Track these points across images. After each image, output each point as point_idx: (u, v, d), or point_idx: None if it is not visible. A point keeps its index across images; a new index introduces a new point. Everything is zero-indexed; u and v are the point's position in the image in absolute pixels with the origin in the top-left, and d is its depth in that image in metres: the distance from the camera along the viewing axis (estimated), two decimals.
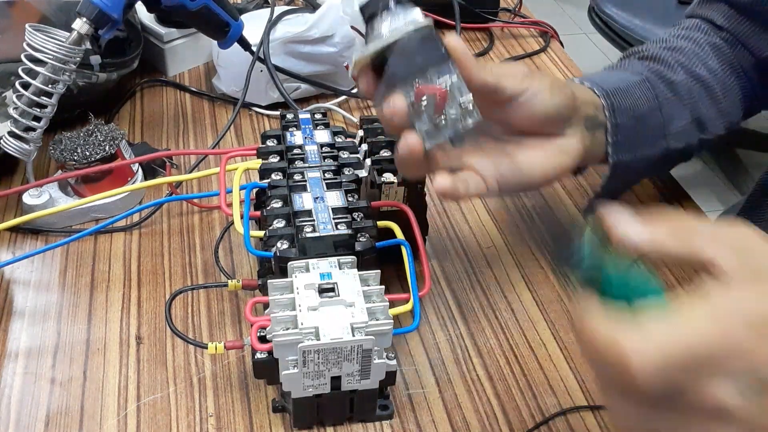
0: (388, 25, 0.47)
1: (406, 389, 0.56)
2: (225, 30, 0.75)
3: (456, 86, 0.46)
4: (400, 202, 0.60)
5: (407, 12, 0.47)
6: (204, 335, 0.59)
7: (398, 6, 0.47)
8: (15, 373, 0.56)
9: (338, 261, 0.51)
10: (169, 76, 0.89)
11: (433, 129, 0.46)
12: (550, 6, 2.76)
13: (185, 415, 0.53)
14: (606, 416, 0.55)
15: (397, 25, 0.47)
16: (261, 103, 0.84)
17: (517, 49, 1.00)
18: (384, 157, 0.61)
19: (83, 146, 0.67)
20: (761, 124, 2.15)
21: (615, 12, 1.68)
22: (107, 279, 0.63)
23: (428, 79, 0.46)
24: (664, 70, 0.64)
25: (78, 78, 0.73)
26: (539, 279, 0.66)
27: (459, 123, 0.46)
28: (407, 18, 0.47)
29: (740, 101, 0.67)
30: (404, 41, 0.46)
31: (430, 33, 0.47)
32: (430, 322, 0.61)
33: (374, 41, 0.47)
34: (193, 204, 0.71)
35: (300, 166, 0.59)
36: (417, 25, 0.46)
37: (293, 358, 0.47)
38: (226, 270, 0.64)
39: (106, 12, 0.65)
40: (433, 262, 0.67)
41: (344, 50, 0.83)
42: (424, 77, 0.46)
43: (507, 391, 0.56)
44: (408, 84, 0.46)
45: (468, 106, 0.46)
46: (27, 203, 0.66)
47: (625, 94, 0.59)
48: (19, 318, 0.60)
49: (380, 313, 0.48)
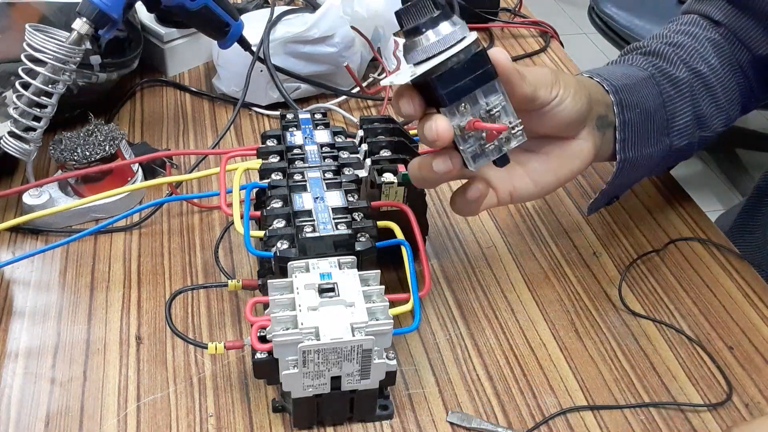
0: (434, 42, 0.42)
1: (406, 389, 0.56)
2: (225, 30, 0.75)
3: (503, 107, 0.43)
4: (400, 202, 0.60)
5: (454, 26, 0.43)
6: (204, 335, 0.59)
7: (444, 19, 0.42)
8: (15, 373, 0.56)
9: (338, 261, 0.51)
10: (169, 76, 0.89)
11: (478, 151, 0.44)
12: (550, 6, 2.76)
13: (185, 415, 0.53)
14: (605, 415, 0.55)
15: (444, 41, 0.42)
16: (261, 103, 0.84)
17: (517, 49, 1.00)
18: (384, 157, 0.61)
19: (83, 146, 0.67)
20: (761, 124, 2.15)
21: (615, 12, 1.68)
22: (107, 279, 0.63)
23: (476, 100, 0.43)
24: (666, 66, 0.64)
25: (78, 78, 0.73)
26: (539, 279, 0.66)
27: (505, 145, 0.44)
28: (455, 34, 0.42)
29: (738, 97, 0.67)
30: (453, 62, 0.42)
31: (478, 49, 0.43)
32: (430, 322, 0.61)
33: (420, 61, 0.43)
34: (193, 204, 0.71)
35: (300, 166, 0.59)
36: (465, 42, 0.42)
37: (293, 358, 0.47)
38: (226, 270, 0.64)
39: (106, 12, 0.65)
40: (433, 262, 0.67)
41: (344, 50, 0.83)
42: (472, 98, 0.43)
43: (507, 391, 0.56)
44: (455, 106, 0.43)
45: (517, 131, 0.44)
46: (27, 203, 0.66)
47: (632, 90, 0.59)
48: (19, 318, 0.60)
49: (380, 313, 0.48)
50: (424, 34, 0.42)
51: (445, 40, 0.42)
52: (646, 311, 0.63)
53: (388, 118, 0.66)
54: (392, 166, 0.60)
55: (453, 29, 0.42)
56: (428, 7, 0.42)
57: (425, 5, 0.42)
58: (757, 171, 1.96)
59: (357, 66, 0.86)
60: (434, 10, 0.42)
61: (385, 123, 0.65)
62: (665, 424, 0.54)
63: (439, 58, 0.42)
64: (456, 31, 0.42)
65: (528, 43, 1.02)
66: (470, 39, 0.43)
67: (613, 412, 0.55)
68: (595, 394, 0.56)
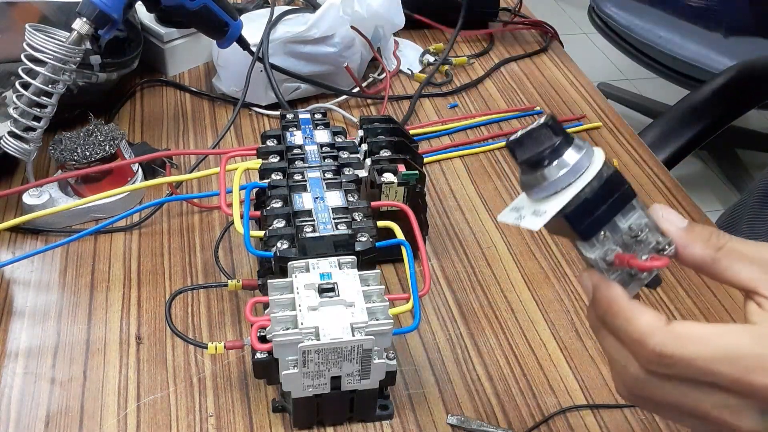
0: (563, 175, 0.36)
1: (406, 389, 0.56)
2: (224, 30, 0.75)
3: (648, 226, 0.38)
4: (400, 202, 0.60)
5: (580, 151, 0.36)
6: (204, 335, 0.59)
7: (567, 145, 0.36)
8: (15, 373, 0.56)
9: (338, 261, 0.51)
10: (169, 76, 0.89)
11: (627, 278, 0.39)
12: (550, 6, 2.76)
13: (185, 415, 0.53)
14: (605, 415, 0.55)
15: (574, 171, 0.36)
16: (261, 103, 0.84)
17: (517, 49, 1.00)
18: (384, 157, 0.61)
19: (83, 146, 0.67)
20: (761, 124, 2.15)
21: (615, 12, 1.68)
22: (107, 279, 0.63)
23: (615, 225, 0.37)
24: None
25: (78, 78, 0.73)
26: (539, 279, 0.66)
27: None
28: (582, 161, 0.36)
29: None
30: (586, 192, 0.36)
31: (611, 172, 0.37)
32: (430, 322, 0.61)
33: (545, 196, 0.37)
34: (193, 204, 0.71)
35: (300, 166, 0.59)
36: (595, 166, 0.37)
37: (293, 358, 0.47)
38: (226, 270, 0.64)
39: (106, 12, 0.65)
40: (433, 262, 0.67)
41: (344, 50, 0.83)
42: (611, 225, 0.37)
43: (507, 391, 0.56)
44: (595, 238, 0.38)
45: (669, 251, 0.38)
46: (27, 203, 0.66)
47: None
48: (19, 318, 0.60)
49: (380, 313, 0.48)
50: (547, 166, 0.36)
51: (575, 170, 0.36)
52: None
53: (388, 118, 0.66)
54: (392, 166, 0.61)
55: (579, 156, 0.36)
56: (547, 135, 0.36)
57: (543, 133, 0.36)
58: (758, 171, 1.96)
59: (357, 66, 0.86)
60: (554, 137, 0.36)
61: (385, 123, 0.65)
62: (665, 424, 0.54)
63: (570, 192, 0.36)
64: (582, 158, 0.36)
65: (528, 43, 1.02)
66: (599, 161, 0.37)
67: (613, 412, 0.55)
68: (595, 394, 0.56)
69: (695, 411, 0.36)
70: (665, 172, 0.80)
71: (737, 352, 0.34)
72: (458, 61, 0.95)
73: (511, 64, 0.97)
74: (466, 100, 0.89)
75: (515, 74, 0.95)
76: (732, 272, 0.37)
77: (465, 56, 0.96)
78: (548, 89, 0.92)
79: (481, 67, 0.95)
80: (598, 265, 0.38)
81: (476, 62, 0.96)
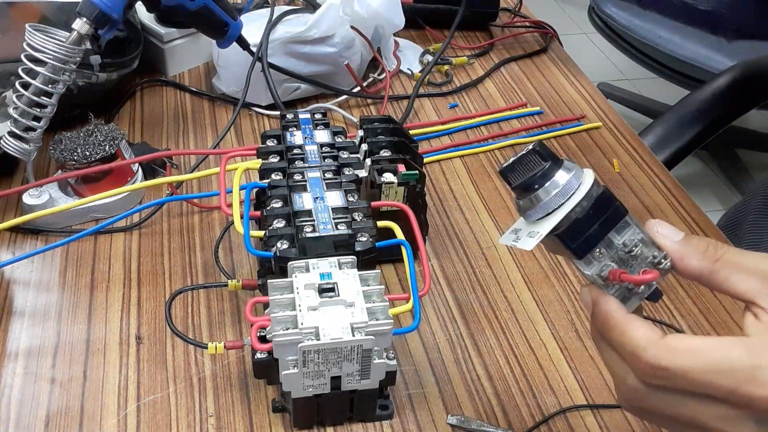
0: (553, 197, 0.38)
1: (406, 389, 0.56)
2: (224, 30, 0.75)
3: (642, 241, 0.39)
4: (400, 202, 0.60)
5: (569, 172, 0.38)
6: (204, 335, 0.59)
7: (556, 167, 0.38)
8: (15, 373, 0.56)
9: (338, 261, 0.51)
10: (169, 76, 0.89)
11: (627, 293, 0.40)
12: (550, 6, 2.76)
13: (185, 415, 0.53)
14: (605, 415, 0.55)
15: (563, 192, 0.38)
16: (261, 103, 0.84)
17: (517, 49, 1.00)
18: (384, 157, 0.61)
19: (83, 146, 0.67)
20: (761, 124, 2.15)
21: (615, 12, 1.68)
22: (107, 279, 0.63)
23: (610, 241, 0.39)
24: None
25: (78, 78, 0.73)
26: (539, 279, 0.66)
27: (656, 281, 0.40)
28: (571, 182, 0.38)
29: None
30: (577, 212, 0.38)
31: (600, 191, 0.38)
32: (430, 322, 0.61)
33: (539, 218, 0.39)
34: (193, 204, 0.71)
35: (300, 166, 0.59)
36: (585, 186, 0.38)
37: (293, 358, 0.47)
38: (226, 270, 0.64)
39: (106, 12, 0.65)
40: (433, 262, 0.67)
41: (344, 50, 0.83)
42: (606, 241, 0.39)
43: (507, 391, 0.56)
44: (590, 255, 0.39)
45: (664, 265, 0.39)
46: (27, 203, 0.66)
47: None
48: (19, 318, 0.60)
49: (380, 313, 0.48)
50: (538, 190, 0.38)
51: (564, 192, 0.38)
52: (646, 311, 0.63)
53: (388, 118, 0.66)
54: (392, 166, 0.61)
55: (569, 177, 0.38)
56: (535, 161, 0.38)
57: (532, 159, 0.38)
58: (757, 171, 1.96)
59: (357, 66, 0.86)
60: (542, 162, 0.38)
61: (385, 123, 0.65)
62: None
63: (561, 213, 0.38)
64: (572, 179, 0.38)
65: (528, 43, 1.02)
66: (589, 181, 0.38)
67: (613, 412, 0.55)
68: (595, 394, 0.56)
69: (693, 422, 0.36)
70: (665, 172, 0.80)
71: (731, 364, 0.34)
72: (458, 61, 0.95)
73: (511, 64, 0.97)
74: (466, 100, 0.89)
75: (515, 74, 0.95)
76: (730, 283, 0.38)
77: (465, 56, 0.96)
78: (548, 89, 0.92)
79: (481, 67, 0.95)
80: (596, 281, 0.39)
81: (476, 62, 0.96)
